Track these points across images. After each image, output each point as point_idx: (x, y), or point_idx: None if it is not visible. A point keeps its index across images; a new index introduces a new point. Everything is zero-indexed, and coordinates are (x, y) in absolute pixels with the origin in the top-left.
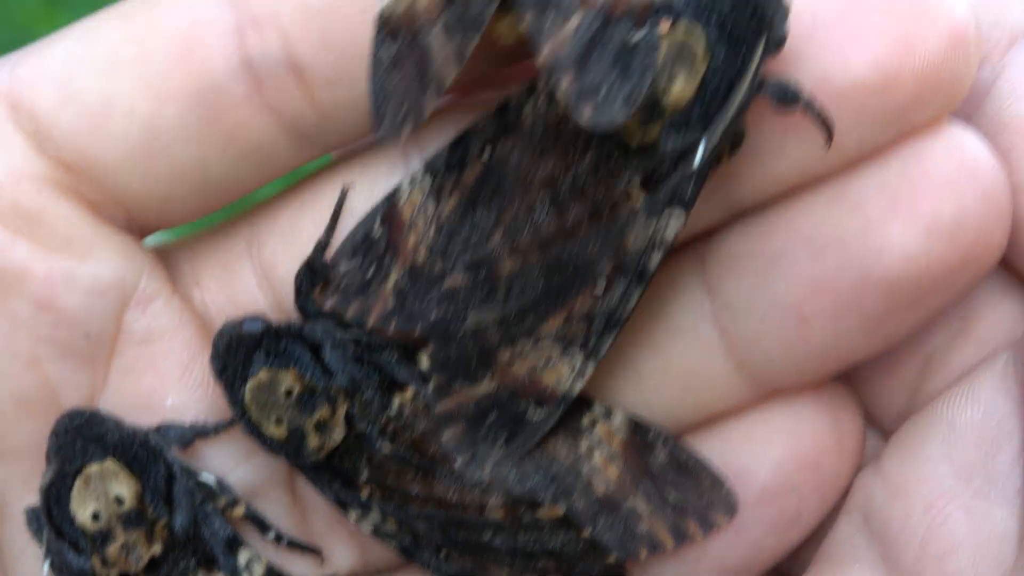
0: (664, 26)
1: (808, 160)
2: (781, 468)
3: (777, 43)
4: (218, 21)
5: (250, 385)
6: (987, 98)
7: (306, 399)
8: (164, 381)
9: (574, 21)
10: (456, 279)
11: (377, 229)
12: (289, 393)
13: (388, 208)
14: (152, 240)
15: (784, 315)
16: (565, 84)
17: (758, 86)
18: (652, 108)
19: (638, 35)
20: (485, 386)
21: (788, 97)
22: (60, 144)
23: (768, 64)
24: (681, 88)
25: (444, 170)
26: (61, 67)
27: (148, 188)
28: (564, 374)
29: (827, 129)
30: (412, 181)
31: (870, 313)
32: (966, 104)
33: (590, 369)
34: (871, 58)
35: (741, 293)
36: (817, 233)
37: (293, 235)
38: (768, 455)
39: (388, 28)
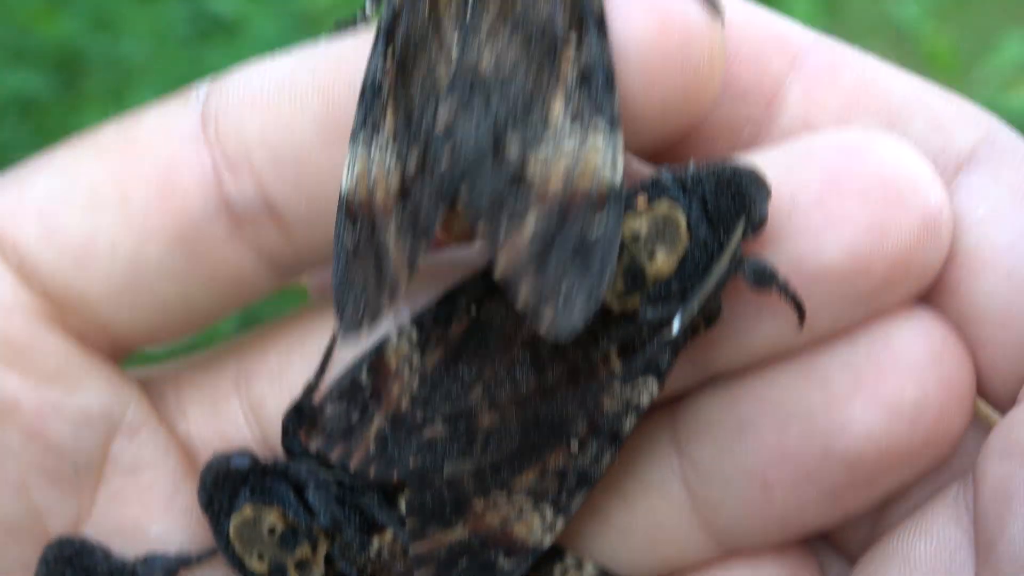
0: (641, 201)
1: (780, 335)
2: None
3: (757, 224)
4: (195, 163)
5: (235, 520)
6: None
7: (288, 537)
8: (149, 510)
9: (530, 221)
10: (436, 430)
11: (364, 376)
12: (272, 531)
13: (375, 357)
14: (138, 367)
15: (748, 481)
16: (523, 293)
17: (736, 264)
18: (633, 279)
19: (598, 226)
20: (458, 532)
21: (764, 278)
22: (45, 278)
23: (747, 243)
24: (662, 262)
25: (432, 324)
26: (42, 203)
27: (133, 319)
28: (535, 527)
29: (799, 311)
30: (400, 332)
31: (830, 486)
32: None
33: (560, 524)
34: (845, 245)
35: (709, 456)
36: (784, 405)
37: (282, 374)
38: None
39: (350, 212)
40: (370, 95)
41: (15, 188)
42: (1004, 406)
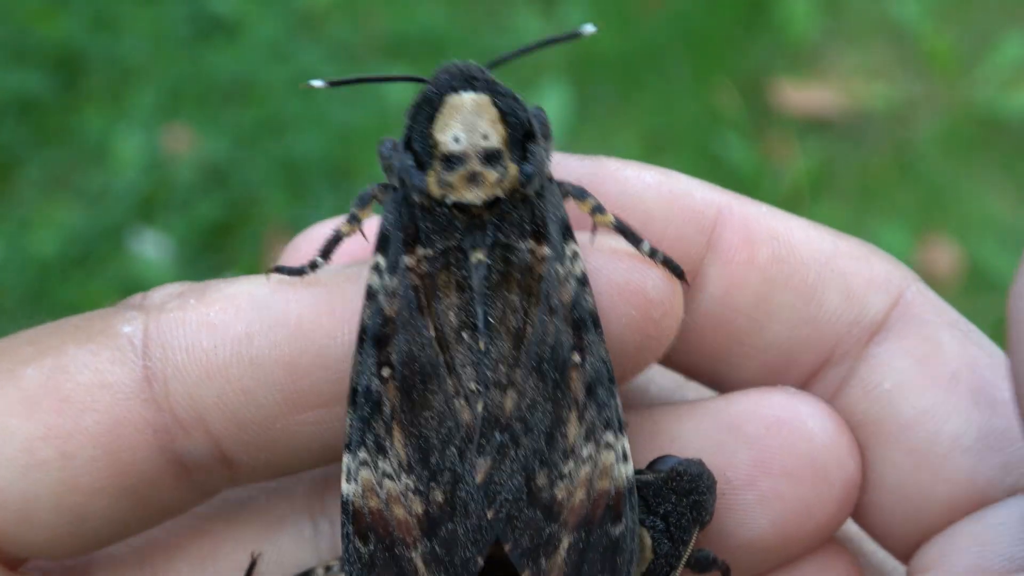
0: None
1: None
2: None
3: (705, 523)
4: (141, 422)
5: None
6: (840, 394)
7: None
8: None
9: (564, 544)
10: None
11: None
12: None
13: None
14: None
15: None
16: None
17: (688, 560)
18: None
19: (621, 521)
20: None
21: (706, 565)
22: None
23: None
24: None
25: None
26: None
27: (65, 553)
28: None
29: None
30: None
31: None
32: (823, 394)
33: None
34: (773, 521)
35: None
36: None
37: None
38: None
39: (359, 522)
40: (367, 406)
41: None
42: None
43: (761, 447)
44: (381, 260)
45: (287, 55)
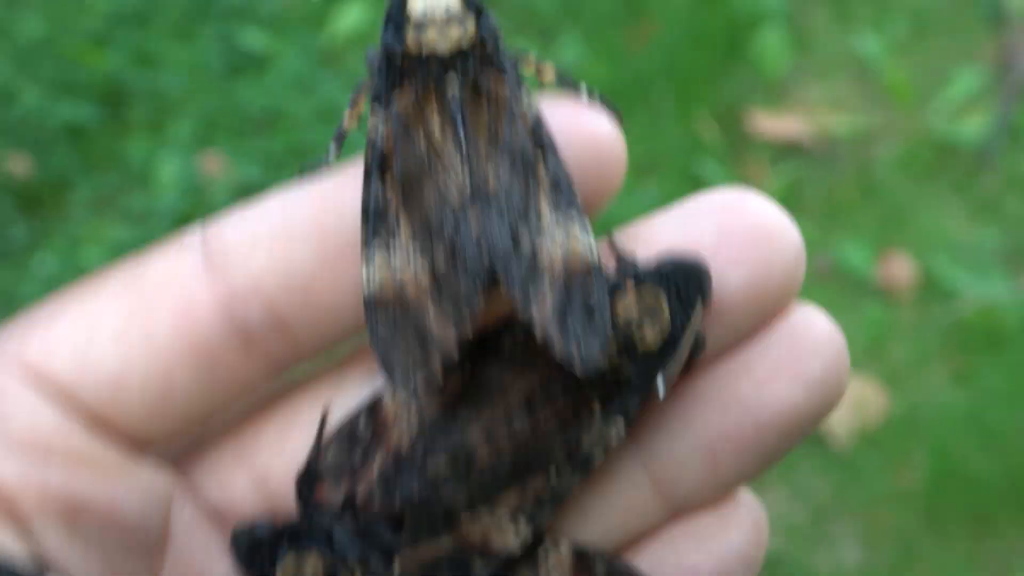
0: (629, 286)
1: (712, 350)
2: (720, 559)
3: (707, 304)
4: (206, 298)
5: (280, 571)
6: None
7: (329, 574)
8: (208, 561)
9: (548, 296)
10: (437, 464)
11: (363, 424)
12: (315, 572)
13: (373, 407)
14: None
15: (699, 457)
16: (556, 346)
17: (696, 337)
18: (627, 350)
19: (593, 294)
20: (444, 543)
21: (700, 344)
22: (86, 404)
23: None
24: (650, 337)
25: None
26: (74, 342)
27: (162, 430)
28: (510, 537)
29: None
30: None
31: (764, 449)
32: None
33: (529, 534)
34: (743, 280)
35: (665, 444)
36: (722, 395)
37: (283, 451)
38: (706, 554)
39: (380, 307)
40: (375, 213)
41: (46, 327)
42: None
43: (720, 220)
44: (377, 112)
45: (310, 87)
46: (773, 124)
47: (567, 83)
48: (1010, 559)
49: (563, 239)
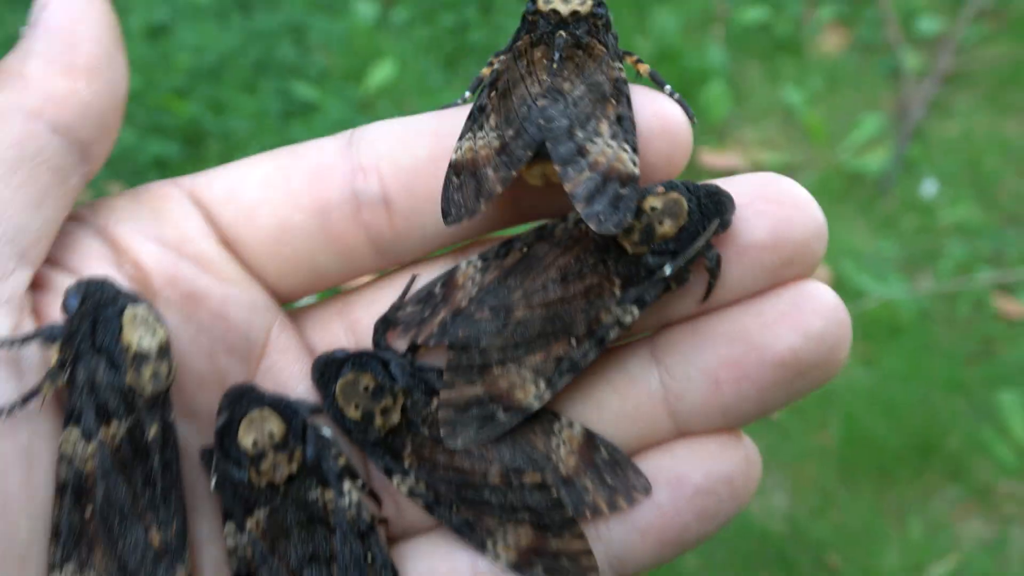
0: (660, 188)
1: (732, 290)
2: (708, 476)
3: (724, 225)
4: (338, 164)
5: (340, 382)
6: None
7: (377, 392)
8: (292, 379)
9: (586, 175)
10: (483, 315)
11: (438, 288)
12: (367, 388)
13: (449, 276)
14: None
15: (705, 378)
16: (581, 209)
17: (707, 247)
18: (647, 235)
19: (625, 189)
20: (477, 388)
21: (715, 262)
22: (226, 225)
23: (715, 238)
24: (668, 227)
25: (493, 256)
26: (232, 181)
27: (276, 267)
28: (530, 394)
29: (711, 285)
30: (468, 261)
31: (762, 384)
32: None
33: (548, 396)
34: (768, 227)
35: (677, 362)
36: (732, 329)
37: (374, 306)
38: (699, 468)
39: (456, 169)
40: (477, 112)
41: (218, 172)
42: None
43: (755, 186)
44: (503, 54)
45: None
46: (716, 159)
47: (657, 80)
48: (907, 504)
49: (612, 153)
